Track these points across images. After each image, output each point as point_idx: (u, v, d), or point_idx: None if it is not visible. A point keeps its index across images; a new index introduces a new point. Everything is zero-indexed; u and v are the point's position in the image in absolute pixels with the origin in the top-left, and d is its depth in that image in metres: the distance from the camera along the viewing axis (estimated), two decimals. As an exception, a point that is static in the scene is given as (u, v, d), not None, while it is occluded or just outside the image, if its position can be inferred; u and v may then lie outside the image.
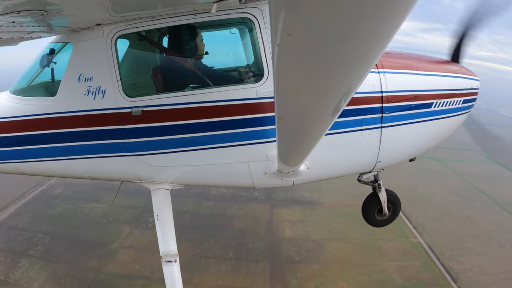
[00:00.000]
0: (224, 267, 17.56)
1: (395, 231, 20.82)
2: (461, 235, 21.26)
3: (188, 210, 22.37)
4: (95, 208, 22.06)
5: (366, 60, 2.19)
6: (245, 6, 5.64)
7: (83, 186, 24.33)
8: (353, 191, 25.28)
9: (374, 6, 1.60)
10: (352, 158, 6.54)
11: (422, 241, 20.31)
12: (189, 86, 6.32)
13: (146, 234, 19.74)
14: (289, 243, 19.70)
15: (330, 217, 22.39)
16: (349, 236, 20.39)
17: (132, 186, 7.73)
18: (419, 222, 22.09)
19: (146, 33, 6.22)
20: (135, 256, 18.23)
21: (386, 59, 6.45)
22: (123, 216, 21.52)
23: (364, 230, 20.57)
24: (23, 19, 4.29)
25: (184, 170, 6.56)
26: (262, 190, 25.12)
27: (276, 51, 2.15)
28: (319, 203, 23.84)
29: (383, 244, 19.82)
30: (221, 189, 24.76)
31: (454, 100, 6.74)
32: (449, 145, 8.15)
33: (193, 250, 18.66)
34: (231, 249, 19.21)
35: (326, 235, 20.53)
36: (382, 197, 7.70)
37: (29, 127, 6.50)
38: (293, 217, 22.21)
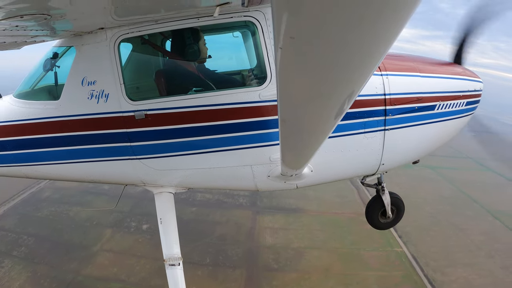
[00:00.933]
0: (200, 273, 17.63)
1: (379, 240, 20.63)
2: (448, 245, 20.95)
3: None
4: (80, 212, 22.48)
5: (369, 62, 2.19)
6: (247, 9, 5.64)
7: (70, 190, 24.78)
8: (340, 199, 25.28)
9: (376, 8, 1.60)
10: (355, 161, 6.52)
11: (406, 251, 20.02)
12: (192, 90, 6.32)
13: (127, 238, 20.12)
14: (268, 251, 19.66)
15: (313, 225, 22.30)
16: (331, 245, 20.27)
17: (119, 190, 7.78)
18: (405, 231, 21.78)
19: (149, 36, 6.24)
20: (114, 259, 18.55)
21: (389, 62, 6.44)
22: (106, 220, 21.89)
23: (347, 239, 20.50)
24: (26, 23, 4.30)
25: (187, 174, 6.56)
26: (247, 196, 25.17)
27: (279, 54, 2.15)
28: (303, 211, 23.75)
29: (365, 254, 19.62)
30: (206, 194, 24.81)
31: (457, 102, 6.72)
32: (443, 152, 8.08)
33: None
34: (209, 255, 19.27)
35: (307, 243, 20.43)
36: (385, 200, 7.68)
37: (33, 130, 6.52)
38: (276, 225, 22.17)
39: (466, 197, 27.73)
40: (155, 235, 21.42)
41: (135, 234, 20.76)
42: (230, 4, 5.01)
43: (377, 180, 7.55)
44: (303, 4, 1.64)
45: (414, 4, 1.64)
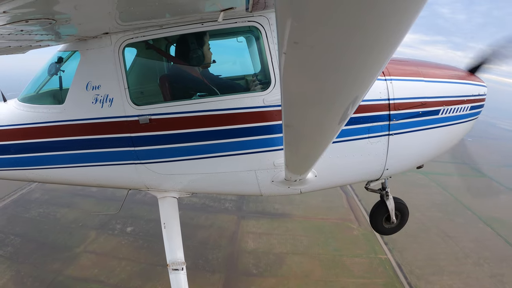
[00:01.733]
0: None
1: (363, 247, 20.49)
2: (435, 253, 20.71)
3: (155, 219, 22.52)
4: (67, 214, 22.77)
5: (373, 67, 2.18)
6: (251, 14, 5.65)
7: (59, 191, 25.23)
8: (327, 205, 25.18)
9: (380, 13, 1.60)
10: (359, 166, 6.51)
11: (391, 258, 19.83)
12: (196, 95, 6.33)
13: (111, 240, 20.41)
14: (249, 255, 19.63)
15: (297, 230, 22.23)
16: (314, 251, 20.18)
17: (108, 193, 7.85)
18: (391, 238, 21.57)
19: (154, 41, 6.25)
20: (95, 261, 18.90)
21: (393, 66, 6.43)
22: (92, 222, 22.24)
23: (331, 245, 20.41)
24: (31, 27, 4.32)
25: (191, 178, 6.55)
26: (233, 201, 25.17)
27: (282, 59, 2.15)
28: (289, 216, 23.70)
29: (348, 260, 19.50)
30: (193, 198, 24.85)
31: (461, 106, 6.71)
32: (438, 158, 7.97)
33: (152, 258, 19.04)
34: (189, 258, 19.25)
35: (290, 248, 20.37)
36: (389, 205, 7.65)
37: (37, 134, 6.53)
38: (259, 229, 22.15)
39: (458, 203, 27.52)
40: (138, 237, 21.86)
41: (119, 237, 21.03)
42: (234, 9, 5.02)
43: (381, 185, 7.53)
44: (307, 9, 1.64)
45: (417, 9, 1.64)
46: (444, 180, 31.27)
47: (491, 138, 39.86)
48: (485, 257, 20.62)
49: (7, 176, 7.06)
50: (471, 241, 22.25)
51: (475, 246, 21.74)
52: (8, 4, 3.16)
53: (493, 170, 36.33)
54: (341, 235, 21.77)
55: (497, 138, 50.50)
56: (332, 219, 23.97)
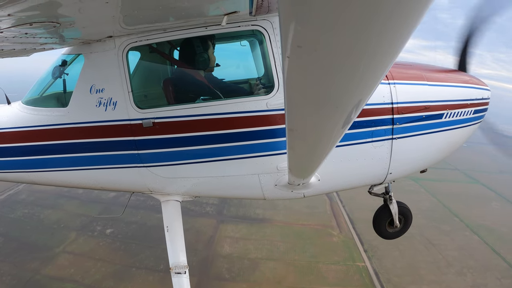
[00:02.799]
0: (151, 278, 18.00)
1: (342, 254, 20.25)
2: (416, 261, 20.32)
3: (136, 221, 23.05)
4: (50, 215, 23.27)
5: (376, 71, 2.18)
6: (255, 18, 5.66)
7: (45, 193, 25.73)
8: (310, 210, 24.99)
9: (384, 18, 1.60)
10: (363, 170, 6.50)
11: (369, 266, 19.48)
12: (200, 98, 6.34)
13: (90, 241, 20.84)
14: (223, 260, 19.63)
15: (275, 236, 22.09)
16: (290, 257, 20.03)
17: (93, 195, 7.93)
18: (372, 245, 21.26)
19: (157, 45, 6.25)
20: (73, 261, 19.24)
21: (396, 70, 6.43)
22: (74, 223, 22.66)
23: (308, 251, 20.21)
24: (35, 30, 4.34)
25: (195, 182, 6.55)
26: (214, 205, 25.18)
27: (286, 63, 2.15)
28: (269, 221, 23.57)
29: (324, 267, 19.28)
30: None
31: (465, 110, 6.69)
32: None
33: (128, 259, 19.35)
34: (164, 261, 19.40)
35: (265, 254, 20.26)
36: (393, 209, 7.63)
37: (41, 137, 6.55)
38: (237, 234, 22.09)
39: (446, 210, 27.12)
40: (117, 239, 22.20)
41: (98, 238, 21.40)
42: (238, 13, 5.03)
43: (385, 189, 7.51)
44: (310, 13, 1.64)
45: (421, 14, 1.64)
46: (434, 186, 30.83)
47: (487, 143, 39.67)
48: (469, 266, 20.21)
49: (10, 178, 7.08)
50: (455, 250, 21.86)
51: (459, 255, 21.33)
52: (13, 7, 3.18)
53: (485, 176, 36.04)
54: (320, 242, 21.64)
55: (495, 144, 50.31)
56: (312, 225, 23.81)
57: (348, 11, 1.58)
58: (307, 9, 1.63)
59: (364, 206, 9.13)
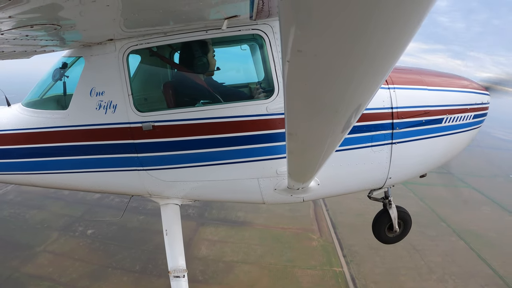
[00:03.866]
0: (125, 279, 18.21)
1: (319, 258, 20.10)
2: (397, 267, 20.06)
3: (117, 223, 23.22)
4: (35, 215, 23.47)
5: (376, 75, 2.18)
6: (255, 22, 5.66)
7: (32, 194, 26.32)
8: (292, 214, 24.91)
9: (384, 23, 1.60)
10: (362, 174, 6.49)
11: (346, 271, 19.31)
12: (200, 102, 6.34)
13: (70, 241, 21.19)
14: (198, 262, 19.66)
15: (254, 239, 22.02)
16: (266, 260, 19.96)
17: (78, 196, 7.97)
18: (352, 250, 21.05)
19: (158, 48, 6.27)
20: (53, 260, 19.78)
21: (396, 75, 6.43)
22: (57, 223, 22.98)
23: (285, 255, 20.14)
24: (36, 32, 4.34)
25: (194, 186, 6.55)
26: (196, 207, 25.20)
27: (286, 67, 2.15)
28: (249, 224, 23.52)
29: (300, 272, 19.16)
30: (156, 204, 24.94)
31: (464, 115, 6.69)
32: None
33: (105, 260, 19.60)
34: (140, 262, 19.66)
35: (241, 257, 20.22)
36: (392, 214, 7.62)
37: (41, 139, 6.55)
38: (215, 237, 22.10)
39: (433, 215, 26.89)
40: (96, 240, 22.45)
41: (79, 238, 21.65)
42: (238, 17, 5.04)
43: (384, 194, 7.50)
44: (310, 17, 1.65)
45: (420, 19, 1.65)
46: (423, 190, 30.63)
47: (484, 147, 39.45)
48: (451, 272, 19.95)
49: (10, 180, 7.07)
50: (439, 255, 21.61)
51: (443, 261, 21.08)
52: (14, 9, 3.18)
53: (478, 180, 35.83)
54: (298, 245, 21.55)
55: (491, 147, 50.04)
56: (293, 228, 23.78)
57: (348, 16, 1.58)
58: (308, 14, 1.63)
59: (348, 210, 9.05)
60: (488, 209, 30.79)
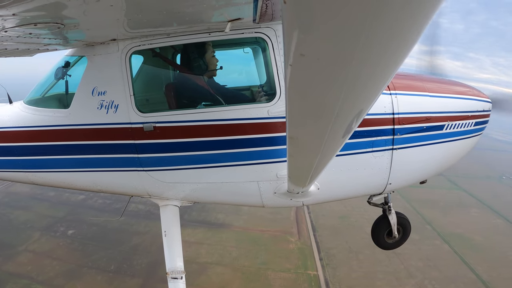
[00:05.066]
0: (99, 278, 18.50)
1: (295, 261, 19.94)
2: (375, 271, 19.78)
3: (98, 223, 23.44)
4: (20, 215, 23.82)
5: (379, 81, 2.18)
6: (258, 26, 5.66)
7: (19, 195, 26.95)
8: (273, 216, 24.86)
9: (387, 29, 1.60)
10: (362, 179, 6.48)
11: (321, 275, 19.11)
12: (201, 104, 6.34)
13: (51, 241, 21.64)
14: None
15: (230, 241, 21.96)
16: (240, 262, 19.89)
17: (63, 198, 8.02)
18: (330, 254, 20.82)
19: (160, 50, 6.27)
20: (32, 259, 20.40)
21: (398, 81, 6.43)
22: (40, 223, 23.38)
23: (260, 258, 20.05)
24: (40, 31, 4.35)
25: (194, 187, 6.55)
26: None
27: (288, 71, 2.15)
28: (228, 226, 23.48)
29: (273, 274, 19.05)
30: (139, 205, 25.38)
31: (466, 122, 6.69)
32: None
33: (82, 259, 19.94)
34: (115, 262, 19.89)
35: (215, 259, 20.19)
36: (392, 220, 7.60)
37: (42, 137, 6.55)
38: (192, 238, 22.10)
39: (419, 218, 26.60)
40: (76, 240, 22.76)
41: (59, 238, 21.99)
42: (242, 20, 5.04)
43: (384, 199, 7.48)
44: (314, 22, 1.65)
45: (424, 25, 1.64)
46: (411, 193, 30.22)
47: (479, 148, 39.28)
48: (432, 277, 19.63)
49: (9, 177, 7.07)
50: (420, 260, 21.29)
51: (424, 265, 20.75)
52: (17, 7, 3.19)
53: (469, 182, 35.48)
54: (275, 248, 21.45)
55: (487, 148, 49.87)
56: (272, 231, 23.72)
57: (351, 21, 1.58)
58: (311, 18, 1.63)
59: (330, 212, 8.99)
60: (477, 212, 30.44)
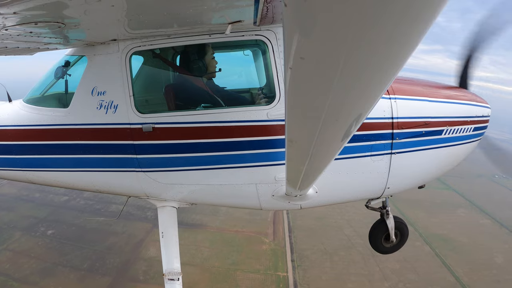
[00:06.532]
0: (72, 276, 18.95)
1: (266, 262, 19.91)
2: (347, 273, 19.57)
3: (77, 224, 23.74)
4: (4, 216, 24.54)
5: (378, 85, 2.19)
6: (259, 28, 5.67)
7: (5, 196, 27.86)
8: (250, 217, 24.88)
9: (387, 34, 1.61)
10: (361, 183, 6.48)
11: (290, 276, 19.04)
12: (201, 106, 6.34)
13: (30, 240, 22.31)
14: (143, 263, 20.02)
15: (204, 242, 22.04)
16: (210, 263, 19.98)
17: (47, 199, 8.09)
18: (303, 255, 20.68)
19: (161, 51, 6.27)
20: (11, 257, 21.40)
21: (397, 85, 6.44)
22: (22, 224, 23.88)
23: (231, 258, 20.10)
24: (40, 30, 4.35)
25: (192, 189, 6.54)
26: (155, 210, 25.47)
27: (288, 74, 2.15)
28: (204, 227, 23.57)
29: (241, 275, 19.08)
30: (120, 206, 25.57)
31: (464, 127, 6.69)
32: None
33: (58, 258, 20.42)
34: (89, 261, 20.31)
35: (187, 259, 20.25)
36: (389, 224, 7.60)
37: (40, 136, 6.54)
38: None
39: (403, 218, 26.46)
40: (55, 240, 23.04)
41: (39, 238, 22.47)
42: (242, 22, 5.04)
43: (382, 203, 7.49)
44: (314, 25, 1.65)
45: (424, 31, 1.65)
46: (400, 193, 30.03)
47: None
48: (408, 280, 19.34)
49: (7, 176, 7.06)
50: (398, 262, 21.01)
51: (401, 268, 20.44)
52: (18, 5, 3.19)
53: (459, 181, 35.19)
54: (248, 249, 21.43)
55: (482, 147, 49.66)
56: (247, 232, 23.71)
57: (352, 25, 1.59)
58: (311, 22, 1.64)
59: (308, 213, 8.94)
60: (464, 212, 30.04)
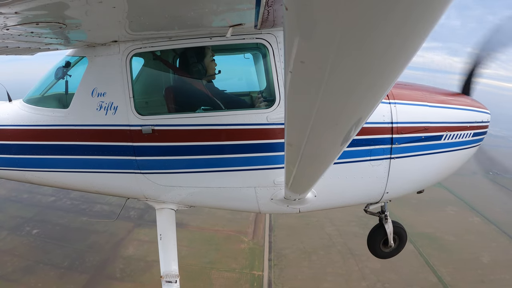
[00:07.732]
0: (52, 274, 19.42)
1: (242, 261, 19.92)
2: (325, 273, 19.42)
3: (61, 223, 24.01)
4: None
5: (378, 90, 2.19)
6: (260, 32, 5.68)
7: None
8: (232, 216, 24.94)
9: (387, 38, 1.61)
10: (359, 188, 6.48)
11: (265, 275, 19.04)
12: (201, 108, 6.34)
13: (15, 239, 23.08)
14: (122, 261, 20.22)
15: (183, 241, 22.04)
16: (186, 261, 20.04)
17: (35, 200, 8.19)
18: (281, 254, 20.64)
19: (161, 53, 6.28)
20: None
21: (397, 90, 6.44)
22: (9, 223, 24.39)
23: (208, 257, 20.15)
24: (41, 30, 4.36)
25: (191, 192, 6.54)
26: (139, 209, 25.61)
27: (288, 78, 2.15)
28: (184, 226, 23.64)
29: (216, 274, 19.18)
30: (104, 206, 25.89)
31: (464, 133, 6.70)
32: None
33: (40, 256, 20.89)
34: (69, 259, 20.66)
35: None
36: (388, 229, 7.60)
37: (40, 137, 6.54)
38: (147, 237, 22.42)
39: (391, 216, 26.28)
40: (39, 239, 23.33)
41: (23, 237, 22.97)
42: (243, 25, 5.05)
43: (380, 208, 7.49)
44: (315, 29, 1.65)
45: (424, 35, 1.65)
46: None
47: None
48: (387, 280, 19.01)
49: (5, 176, 7.05)
50: (378, 261, 20.77)
51: (381, 267, 20.09)
52: (20, 6, 3.19)
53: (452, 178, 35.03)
54: (225, 248, 21.46)
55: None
56: (227, 231, 23.75)
57: (353, 30, 1.59)
58: (312, 26, 1.64)
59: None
60: (454, 210, 29.59)
